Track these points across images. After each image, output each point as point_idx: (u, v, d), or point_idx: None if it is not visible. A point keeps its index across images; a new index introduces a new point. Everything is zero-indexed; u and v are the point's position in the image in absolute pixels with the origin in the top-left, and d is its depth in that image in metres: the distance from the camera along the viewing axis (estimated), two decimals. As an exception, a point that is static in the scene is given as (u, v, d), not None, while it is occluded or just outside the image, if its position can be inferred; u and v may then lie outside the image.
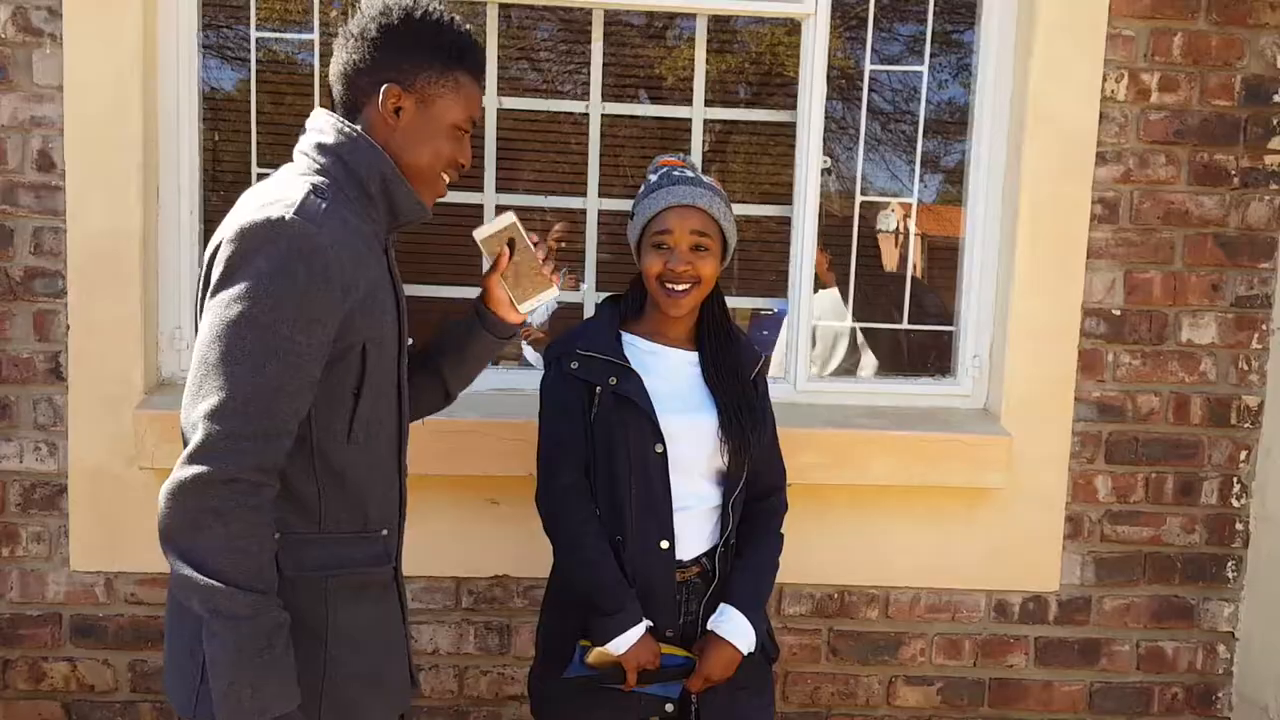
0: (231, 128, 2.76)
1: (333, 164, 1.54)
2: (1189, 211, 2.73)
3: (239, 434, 1.38)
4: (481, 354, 1.86)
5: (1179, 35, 2.67)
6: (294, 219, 1.42)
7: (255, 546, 1.40)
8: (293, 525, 1.52)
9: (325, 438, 1.52)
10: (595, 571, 1.92)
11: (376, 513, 1.61)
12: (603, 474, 1.96)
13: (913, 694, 2.83)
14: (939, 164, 3.00)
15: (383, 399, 1.59)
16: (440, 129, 1.59)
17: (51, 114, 2.52)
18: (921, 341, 3.15)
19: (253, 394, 1.39)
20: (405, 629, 1.71)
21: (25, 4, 2.50)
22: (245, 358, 1.39)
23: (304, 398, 1.45)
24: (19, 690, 2.69)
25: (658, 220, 1.95)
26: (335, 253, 1.45)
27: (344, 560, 1.56)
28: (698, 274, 1.93)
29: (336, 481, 1.54)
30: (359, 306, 1.50)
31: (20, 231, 2.55)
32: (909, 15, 2.88)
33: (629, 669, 1.88)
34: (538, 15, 2.90)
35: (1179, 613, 2.85)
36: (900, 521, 2.75)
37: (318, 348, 1.44)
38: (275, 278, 1.40)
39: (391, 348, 1.59)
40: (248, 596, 1.38)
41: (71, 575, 2.66)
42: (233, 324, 1.39)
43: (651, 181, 2.00)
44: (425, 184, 1.62)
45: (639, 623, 1.89)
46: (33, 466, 2.61)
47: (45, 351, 2.58)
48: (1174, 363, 2.76)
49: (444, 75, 1.58)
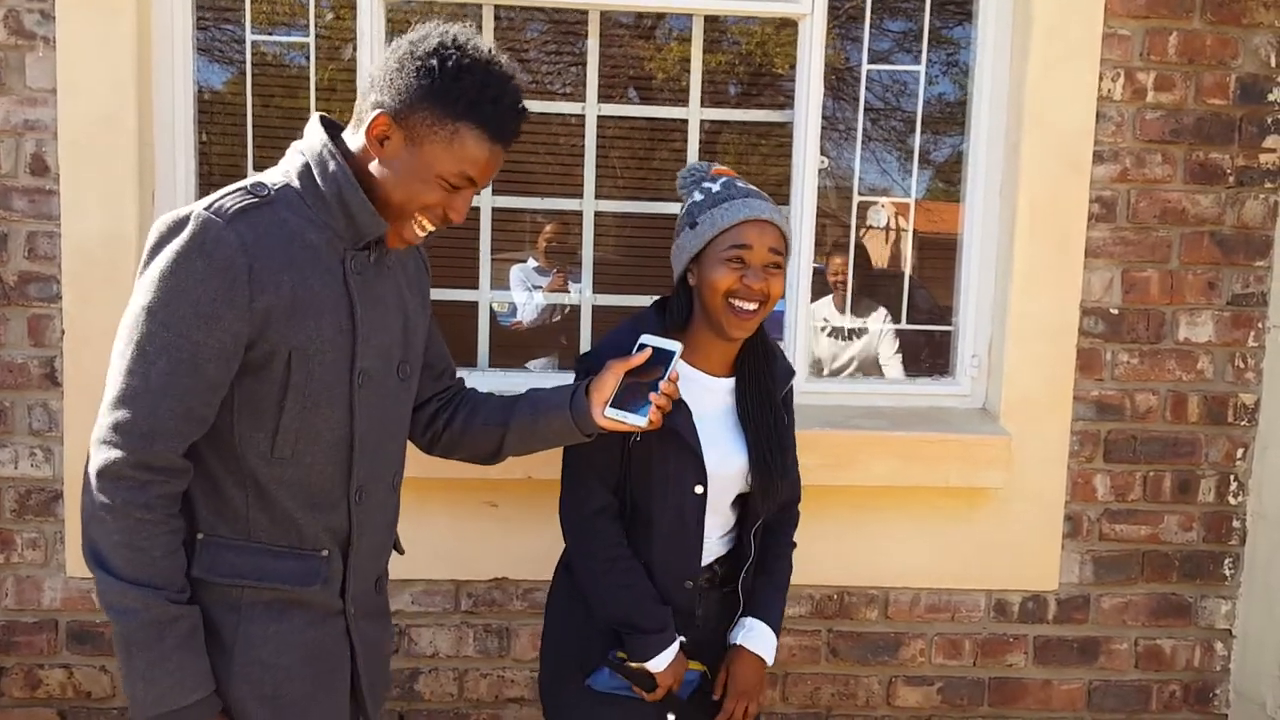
0: (226, 130, 2.75)
1: (302, 168, 1.52)
2: (1185, 210, 2.73)
3: (124, 429, 1.38)
4: (551, 433, 1.77)
5: (1174, 35, 2.68)
6: (200, 214, 1.40)
7: (144, 542, 1.38)
8: (218, 528, 1.49)
9: (247, 449, 1.48)
10: (634, 593, 1.88)
11: (312, 532, 1.54)
12: (636, 501, 1.90)
13: (912, 694, 2.83)
14: (929, 160, 3.00)
15: (319, 414, 1.50)
16: (422, 173, 1.49)
17: (45, 117, 2.50)
18: (915, 340, 3.16)
19: (141, 389, 1.38)
20: (357, 665, 1.63)
21: (18, 6, 2.48)
22: (139, 351, 1.39)
23: (202, 398, 1.41)
24: (14, 698, 2.67)
25: (734, 233, 1.80)
26: (245, 250, 1.40)
27: (266, 573, 1.50)
28: (769, 293, 1.81)
29: (261, 494, 1.50)
30: (280, 311, 1.43)
31: (14, 236, 2.53)
32: (899, 12, 2.88)
33: (663, 685, 1.86)
34: (528, 15, 2.89)
35: (1177, 610, 2.86)
36: (899, 522, 2.75)
37: (217, 346, 1.40)
38: (173, 272, 1.39)
39: (335, 360, 1.51)
40: (136, 590, 1.38)
41: (68, 581, 2.64)
42: (134, 316, 1.40)
43: (714, 191, 1.85)
44: (395, 221, 1.54)
45: (675, 642, 1.88)
46: (28, 472, 2.60)
47: (40, 357, 2.56)
48: (1171, 361, 2.77)
49: (442, 122, 1.47)
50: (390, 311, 1.62)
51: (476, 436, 1.81)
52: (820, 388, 2.83)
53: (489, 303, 2.84)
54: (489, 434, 1.79)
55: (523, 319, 3.50)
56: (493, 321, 2.87)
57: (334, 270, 1.51)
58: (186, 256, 1.39)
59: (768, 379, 1.94)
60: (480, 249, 2.80)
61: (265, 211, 1.45)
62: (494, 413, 1.80)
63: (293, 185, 1.51)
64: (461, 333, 2.83)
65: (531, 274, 3.55)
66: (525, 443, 1.80)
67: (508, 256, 3.55)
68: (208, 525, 1.48)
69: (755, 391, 1.93)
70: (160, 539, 1.40)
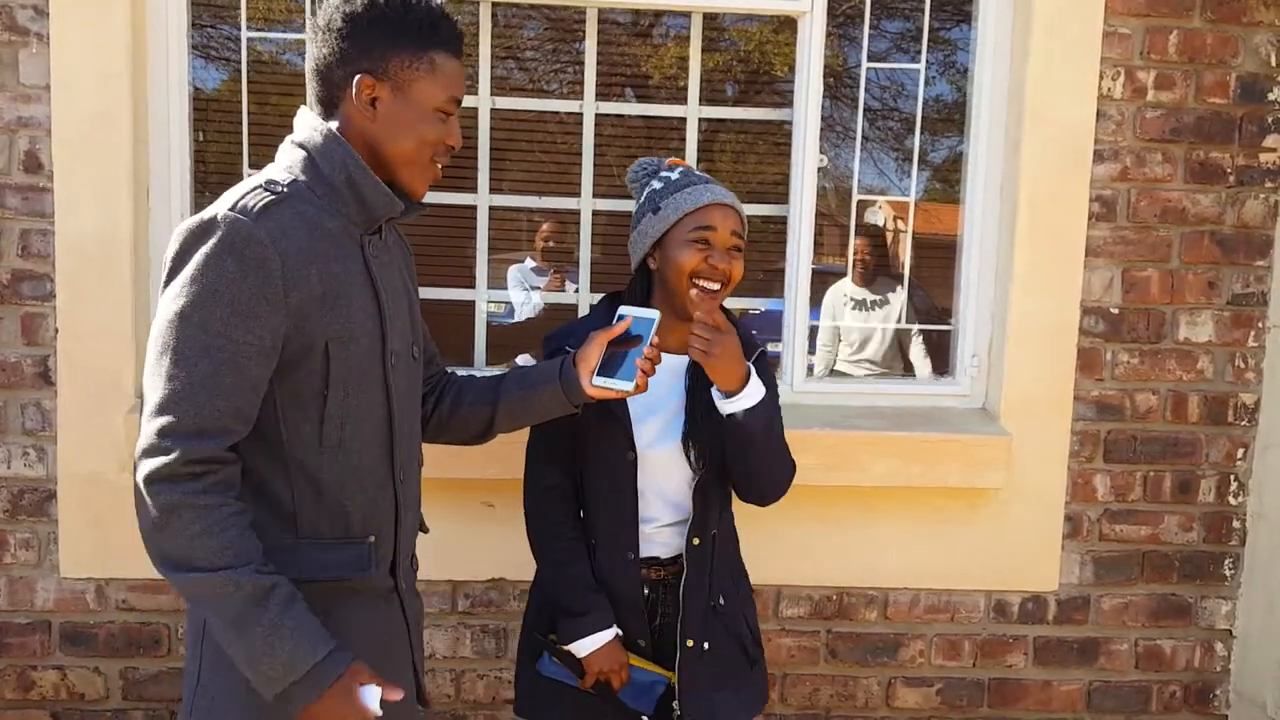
0: (221, 128, 2.73)
1: (304, 161, 1.52)
2: (1185, 209, 2.72)
3: (171, 431, 1.37)
4: (541, 406, 1.80)
5: (1175, 33, 2.67)
6: (227, 215, 1.40)
7: (215, 527, 1.38)
8: (268, 531, 1.49)
9: (296, 442, 1.49)
10: (563, 571, 1.95)
11: (360, 518, 1.56)
12: (585, 476, 1.96)
13: (912, 695, 2.82)
14: (928, 160, 2.99)
15: (359, 399, 1.53)
16: (421, 114, 1.53)
17: (39, 114, 2.48)
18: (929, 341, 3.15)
19: (185, 392, 1.38)
20: (411, 638, 1.67)
21: (10, 3, 2.46)
22: (179, 356, 1.38)
23: (246, 397, 1.42)
24: (7, 699, 2.65)
25: (699, 215, 1.87)
26: (276, 246, 1.41)
27: (318, 566, 1.52)
28: (730, 274, 1.88)
29: (312, 486, 1.51)
30: (314, 303, 1.45)
31: (7, 234, 2.51)
32: (898, 12, 2.87)
33: (589, 673, 1.90)
34: (525, 14, 2.88)
35: (1177, 611, 2.85)
36: (899, 522, 2.74)
37: (258, 344, 1.41)
38: (206, 274, 1.39)
39: (369, 345, 1.54)
40: (223, 575, 1.37)
41: (61, 582, 2.62)
42: (168, 322, 1.40)
43: (674, 179, 1.92)
44: (415, 170, 1.57)
45: (605, 629, 1.90)
46: (21, 472, 2.57)
47: (34, 355, 2.54)
48: (1171, 361, 2.76)
49: (417, 57, 1.51)
50: (400, 293, 1.65)
51: (465, 417, 1.83)
52: (817, 388, 2.82)
53: (485, 302, 2.82)
54: (478, 413, 1.82)
55: (520, 319, 3.49)
56: (489, 320, 2.86)
57: (354, 256, 1.53)
58: (219, 257, 1.39)
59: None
60: (477, 249, 2.78)
61: (286, 207, 1.46)
62: (482, 392, 1.83)
63: (300, 179, 1.51)
64: (458, 332, 2.82)
65: (529, 274, 3.54)
66: (515, 418, 1.83)
67: (504, 256, 3.54)
68: (258, 527, 1.47)
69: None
70: (230, 519, 1.39)
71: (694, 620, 1.94)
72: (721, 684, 1.97)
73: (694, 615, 1.94)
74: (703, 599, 1.95)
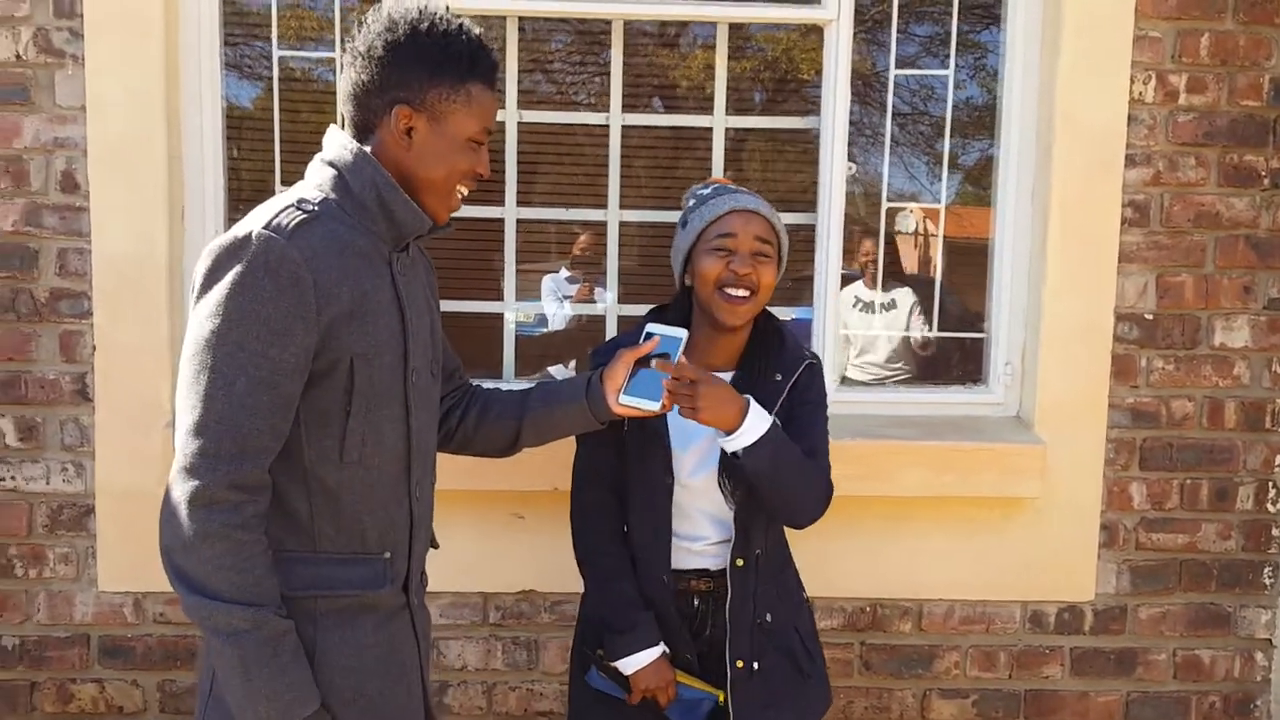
0: (253, 145, 2.76)
1: (334, 179, 1.54)
2: (1220, 213, 2.69)
3: (212, 453, 1.38)
4: (566, 422, 1.81)
5: (1206, 36, 2.65)
6: (260, 233, 1.41)
7: (246, 563, 1.39)
8: (286, 544, 1.50)
9: (317, 457, 1.50)
10: (608, 589, 1.94)
11: (376, 535, 1.56)
12: (627, 494, 1.96)
13: (947, 707, 2.80)
14: (958, 164, 2.97)
15: (381, 415, 1.54)
16: (455, 145, 1.56)
17: (75, 135, 2.52)
18: (946, 347, 3.13)
19: (225, 412, 1.38)
20: (421, 657, 1.67)
21: (47, 25, 2.50)
22: (216, 375, 1.39)
23: (281, 414, 1.43)
24: (46, 712, 2.68)
25: (720, 223, 1.87)
26: (308, 264, 1.42)
27: (335, 581, 1.53)
28: (758, 280, 1.86)
29: (330, 501, 1.52)
30: (342, 319, 1.46)
31: (45, 253, 2.55)
32: (926, 16, 2.85)
33: (635, 690, 1.89)
34: (553, 26, 2.89)
35: (1216, 620, 2.81)
36: (932, 533, 2.72)
37: (292, 362, 1.42)
38: (242, 292, 1.39)
39: (392, 362, 1.55)
40: (245, 610, 1.38)
41: (99, 596, 2.65)
42: (204, 341, 1.40)
43: (704, 194, 1.94)
44: (440, 198, 1.59)
45: (651, 646, 1.89)
46: (60, 488, 2.61)
47: (72, 372, 2.58)
48: (1207, 367, 2.73)
49: (455, 90, 1.53)
50: (422, 310, 1.66)
51: (491, 430, 1.84)
52: (848, 397, 2.81)
53: (514, 314, 2.84)
54: (503, 427, 1.83)
55: (554, 329, 3.50)
56: (518, 332, 2.87)
57: (383, 274, 1.55)
58: (253, 276, 1.40)
59: (764, 365, 1.94)
60: (505, 261, 2.79)
61: (317, 225, 1.47)
62: (507, 406, 1.83)
63: (331, 198, 1.53)
64: (487, 344, 2.83)
65: (563, 284, 3.54)
66: (540, 434, 1.83)
67: (532, 269, 3.54)
68: (276, 541, 1.49)
69: (747, 386, 1.91)
70: (260, 557, 1.41)
71: (741, 639, 1.92)
72: (774, 702, 1.95)
73: (741, 634, 1.92)
74: (749, 617, 1.93)
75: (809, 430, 1.94)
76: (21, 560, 2.63)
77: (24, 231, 2.54)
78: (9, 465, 2.60)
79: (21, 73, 2.51)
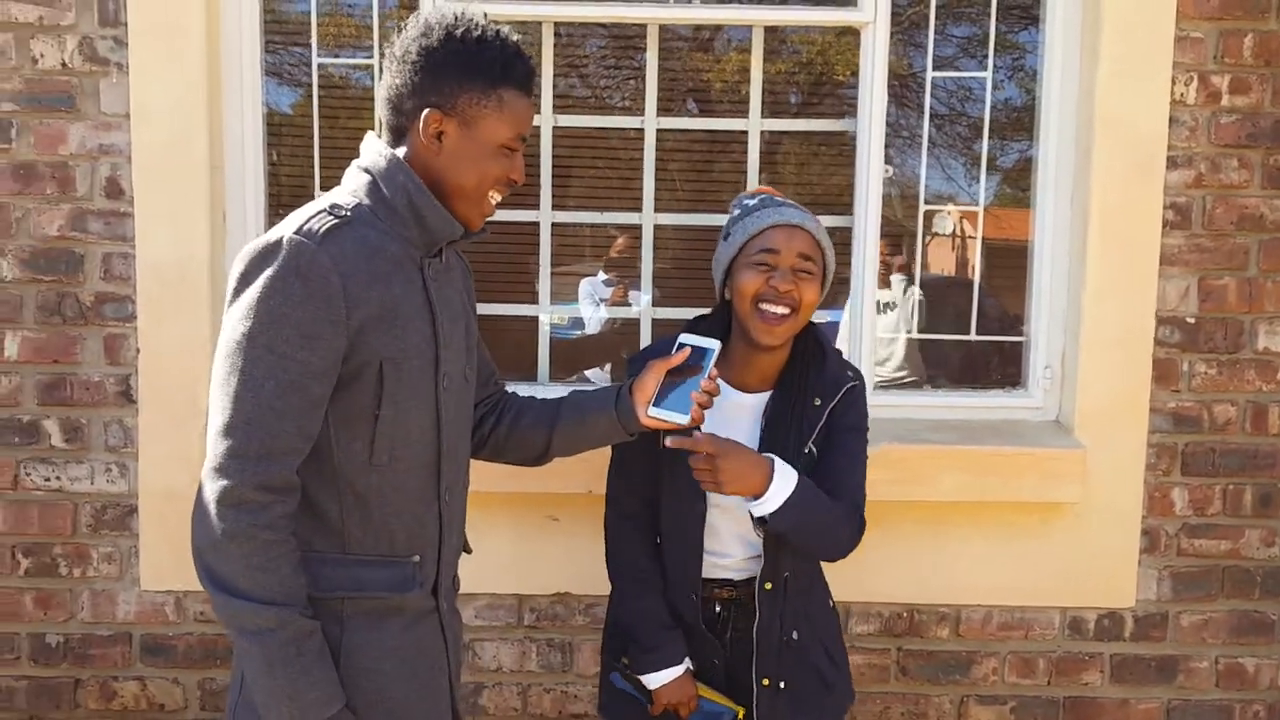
0: (293, 150, 2.79)
1: (368, 185, 1.55)
2: (1263, 216, 2.65)
3: (241, 454, 1.40)
4: (596, 433, 1.79)
5: (1249, 36, 2.61)
6: (292, 238, 1.43)
7: (272, 563, 1.41)
8: (315, 545, 1.52)
9: (346, 459, 1.51)
10: (637, 605, 1.95)
11: (405, 537, 1.57)
12: (660, 509, 1.95)
13: (985, 713, 2.77)
14: (996, 166, 2.95)
15: (410, 419, 1.55)
16: (485, 150, 1.56)
17: (119, 142, 2.56)
18: (985, 350, 3.10)
19: (254, 413, 1.40)
20: (449, 662, 1.67)
21: (91, 34, 2.54)
22: (246, 377, 1.41)
23: (310, 416, 1.44)
24: (90, 709, 2.72)
25: (762, 238, 1.82)
26: (338, 269, 1.44)
27: (363, 583, 1.54)
28: (799, 298, 1.80)
29: (360, 504, 1.53)
30: (372, 323, 1.48)
31: (90, 258, 2.59)
32: (963, 17, 2.83)
33: (659, 703, 1.90)
34: (588, 31, 2.90)
35: (1259, 628, 2.77)
36: (971, 538, 2.70)
37: (321, 365, 1.44)
38: (273, 295, 1.41)
39: (422, 366, 1.55)
40: (270, 610, 1.40)
41: (141, 595, 2.69)
42: (235, 343, 1.42)
43: (750, 205, 1.89)
44: (472, 204, 1.59)
45: (676, 664, 1.90)
46: (104, 488, 2.65)
47: (116, 375, 2.62)
48: (1251, 371, 2.69)
49: (487, 95, 1.53)
50: (457, 316, 1.66)
51: (523, 439, 1.83)
52: (886, 401, 2.79)
53: (549, 317, 2.85)
54: (535, 436, 1.82)
55: (590, 332, 3.50)
56: (553, 335, 2.88)
57: (414, 279, 1.56)
58: (284, 280, 1.42)
59: (803, 386, 1.88)
60: (540, 264, 2.81)
61: (348, 230, 1.49)
62: (539, 415, 1.83)
63: (364, 203, 1.54)
64: (521, 347, 2.84)
65: (600, 287, 3.55)
66: (571, 444, 1.82)
67: (567, 272, 3.56)
68: (305, 542, 1.51)
69: (782, 400, 1.88)
70: (287, 557, 1.43)
71: (768, 659, 1.92)
72: (798, 717, 1.95)
73: (768, 653, 1.92)
74: (775, 636, 1.92)
75: (844, 461, 1.90)
76: (66, 559, 2.67)
77: (70, 236, 2.58)
78: (54, 466, 2.64)
79: (67, 80, 2.55)
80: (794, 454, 1.84)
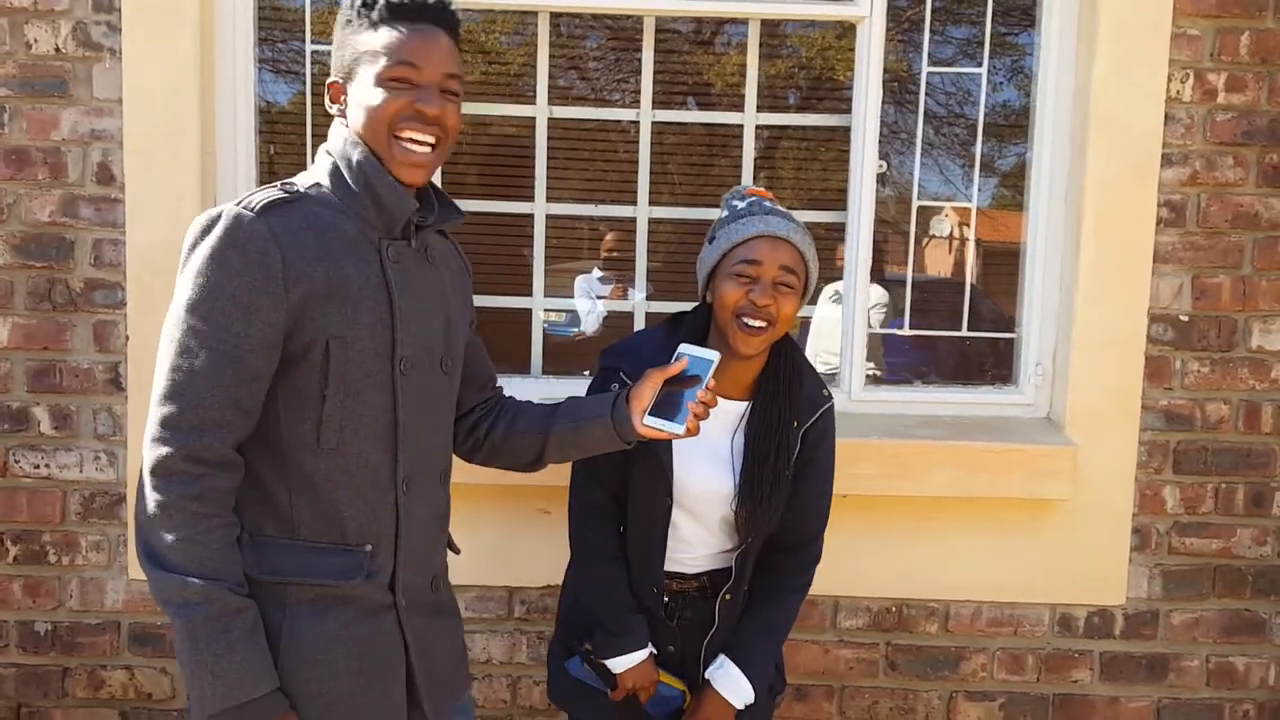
0: (287, 139, 2.78)
1: (330, 166, 1.57)
2: (1258, 214, 2.65)
3: (173, 424, 1.40)
4: (591, 441, 1.76)
5: (1246, 34, 2.60)
6: (231, 209, 1.44)
7: (202, 536, 1.39)
8: (265, 529, 1.51)
9: (293, 441, 1.50)
10: (603, 590, 1.96)
11: (357, 525, 1.53)
12: (627, 502, 1.96)
13: (974, 709, 2.77)
14: (994, 167, 2.94)
15: (361, 402, 1.51)
16: (367, 90, 1.51)
17: (111, 127, 2.55)
18: (979, 349, 3.10)
19: (186, 384, 1.40)
20: (412, 665, 1.60)
21: (86, 19, 2.53)
22: (181, 348, 1.41)
23: (247, 390, 1.43)
24: (78, 698, 2.71)
25: (745, 247, 1.81)
26: (277, 241, 1.44)
27: (310, 569, 1.50)
28: (777, 312, 1.80)
29: (309, 487, 1.51)
30: (317, 300, 1.46)
31: (80, 244, 2.58)
32: (962, 17, 2.83)
33: (622, 686, 1.92)
34: (586, 24, 2.90)
35: (1250, 627, 2.77)
36: (960, 534, 2.69)
37: (259, 337, 1.43)
38: (210, 266, 1.42)
39: (375, 348, 1.52)
40: (198, 583, 1.38)
41: (130, 584, 2.68)
42: (175, 317, 1.43)
43: (738, 208, 1.87)
44: (384, 152, 1.53)
45: (641, 649, 1.92)
46: (93, 476, 2.64)
47: (105, 362, 2.61)
48: (1244, 370, 2.69)
49: (361, 44, 1.52)
50: (431, 305, 1.63)
51: (517, 444, 1.81)
52: (876, 396, 2.79)
53: (542, 310, 2.84)
54: (530, 442, 1.79)
55: (585, 329, 3.49)
56: (546, 332, 2.88)
57: (370, 259, 1.54)
58: (221, 251, 1.42)
59: (783, 408, 1.90)
60: (534, 257, 2.80)
61: (295, 206, 1.50)
62: (534, 421, 1.80)
63: (322, 184, 1.56)
64: (515, 341, 2.84)
65: (595, 284, 3.54)
66: (565, 451, 1.79)
67: (561, 266, 3.55)
68: (253, 524, 1.50)
69: (762, 420, 1.89)
70: (217, 532, 1.41)
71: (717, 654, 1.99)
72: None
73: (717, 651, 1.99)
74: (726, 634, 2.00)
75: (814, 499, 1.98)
76: (54, 547, 2.67)
77: (60, 222, 2.58)
78: (43, 453, 2.64)
79: (60, 65, 2.54)
80: (773, 480, 1.87)
